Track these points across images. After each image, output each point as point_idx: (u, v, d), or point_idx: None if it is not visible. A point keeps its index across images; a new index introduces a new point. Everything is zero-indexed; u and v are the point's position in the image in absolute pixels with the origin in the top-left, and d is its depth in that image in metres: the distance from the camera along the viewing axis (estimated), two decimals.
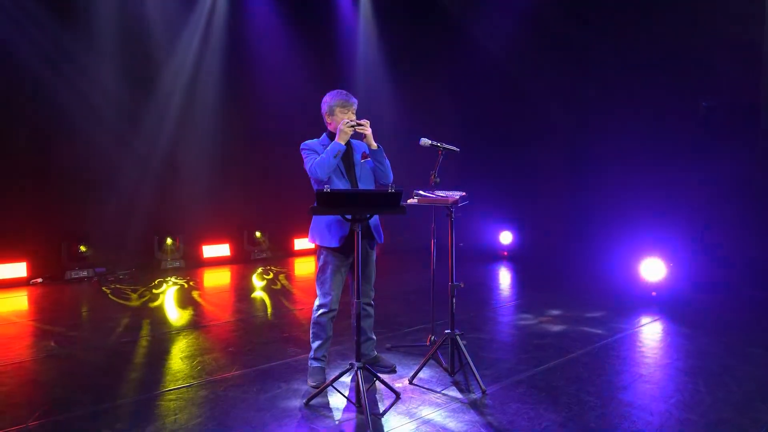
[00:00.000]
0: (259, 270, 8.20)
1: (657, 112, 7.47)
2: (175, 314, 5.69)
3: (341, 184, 3.65)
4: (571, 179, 8.94)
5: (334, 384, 3.46)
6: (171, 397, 3.52)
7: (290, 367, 4.03)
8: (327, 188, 2.97)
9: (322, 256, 3.70)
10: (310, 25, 9.45)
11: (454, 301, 3.75)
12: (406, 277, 7.63)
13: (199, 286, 7.16)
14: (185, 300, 6.32)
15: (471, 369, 3.61)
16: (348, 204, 3.12)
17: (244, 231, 9.15)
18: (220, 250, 8.89)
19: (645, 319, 5.32)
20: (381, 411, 3.29)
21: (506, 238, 9.31)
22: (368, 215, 3.25)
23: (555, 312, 5.57)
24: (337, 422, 3.15)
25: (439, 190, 3.89)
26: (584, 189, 8.67)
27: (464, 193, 3.88)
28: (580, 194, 8.73)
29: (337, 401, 3.41)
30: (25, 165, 7.33)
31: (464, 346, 3.71)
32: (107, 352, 4.46)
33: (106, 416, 3.24)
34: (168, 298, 6.38)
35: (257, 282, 7.37)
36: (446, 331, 3.76)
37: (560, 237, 8.93)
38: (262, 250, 9.20)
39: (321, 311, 3.68)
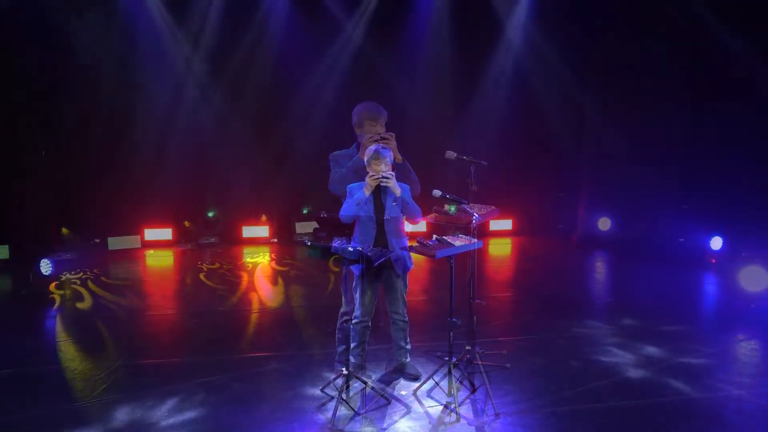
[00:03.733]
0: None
1: None
2: (252, 290, 6.21)
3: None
4: (682, 171, 8.00)
5: (347, 390, 3.61)
6: (195, 386, 3.85)
7: (324, 363, 4.23)
8: (324, 214, 3.03)
9: (344, 267, 3.78)
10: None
11: (475, 318, 3.67)
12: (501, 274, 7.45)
13: (295, 263, 7.68)
14: (272, 277, 6.91)
15: (487, 390, 3.54)
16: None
17: None
18: None
19: (730, 340, 4.74)
20: (384, 425, 3.37)
21: (605, 224, 8.68)
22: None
23: (626, 321, 5.15)
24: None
25: (474, 202, 3.78)
26: (693, 181, 7.74)
27: (493, 208, 3.73)
28: (688, 189, 7.79)
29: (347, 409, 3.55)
30: (169, 150, 8.54)
31: (484, 358, 3.63)
32: (175, 321, 5.03)
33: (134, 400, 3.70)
34: (256, 274, 7.02)
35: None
36: (466, 348, 3.71)
37: (662, 231, 8.06)
38: None
39: (344, 318, 3.80)
